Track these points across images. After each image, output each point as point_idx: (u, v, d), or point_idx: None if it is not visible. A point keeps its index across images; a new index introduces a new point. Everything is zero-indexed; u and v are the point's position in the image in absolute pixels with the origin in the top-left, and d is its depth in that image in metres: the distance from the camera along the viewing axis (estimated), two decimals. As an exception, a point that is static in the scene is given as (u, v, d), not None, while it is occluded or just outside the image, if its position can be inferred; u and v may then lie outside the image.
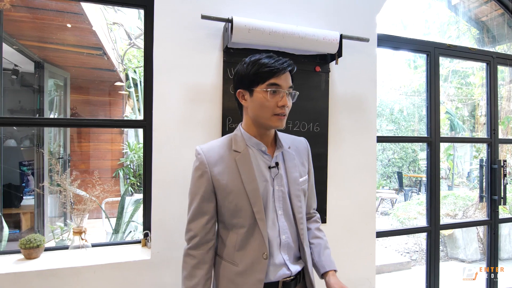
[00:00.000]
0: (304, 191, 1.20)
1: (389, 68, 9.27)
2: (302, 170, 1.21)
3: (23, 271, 1.46)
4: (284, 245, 1.11)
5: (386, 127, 9.21)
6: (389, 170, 9.03)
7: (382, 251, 4.38)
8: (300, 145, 1.26)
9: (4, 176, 3.12)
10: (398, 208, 4.70)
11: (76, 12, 2.60)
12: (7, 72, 3.52)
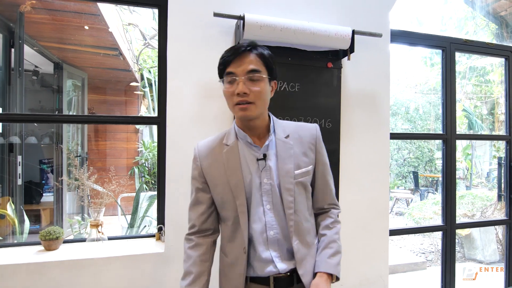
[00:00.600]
0: (303, 183, 1.08)
1: (404, 66, 9.11)
2: (302, 161, 1.08)
3: (43, 261, 1.52)
4: (272, 241, 1.05)
5: (401, 126, 9.05)
6: (404, 170, 8.86)
7: (396, 251, 4.32)
8: (304, 133, 1.12)
9: (25, 173, 3.25)
10: (413, 207, 4.61)
11: (93, 13, 2.68)
12: (27, 73, 3.66)
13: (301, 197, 1.08)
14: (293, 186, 1.05)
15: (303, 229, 1.07)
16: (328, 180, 1.16)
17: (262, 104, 1.04)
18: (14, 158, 2.71)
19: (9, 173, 2.68)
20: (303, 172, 1.08)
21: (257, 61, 1.02)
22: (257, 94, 1.01)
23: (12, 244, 1.74)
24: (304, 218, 1.09)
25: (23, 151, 2.84)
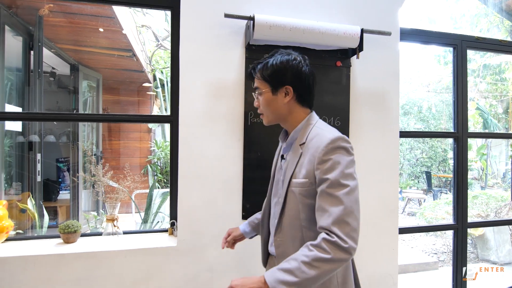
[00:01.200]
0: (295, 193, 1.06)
1: (417, 64, 9.00)
2: (300, 171, 1.06)
3: (63, 253, 1.60)
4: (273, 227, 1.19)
5: (414, 126, 8.93)
6: (417, 170, 8.74)
7: (408, 251, 4.28)
8: (313, 145, 1.05)
9: (43, 171, 3.37)
10: (424, 207, 4.55)
11: (108, 16, 2.77)
12: (45, 75, 3.78)
13: (294, 204, 1.07)
14: (286, 192, 1.09)
15: (289, 233, 1.08)
16: (322, 203, 0.98)
17: (269, 112, 1.16)
18: (34, 156, 2.82)
19: (28, 170, 2.79)
20: (297, 183, 1.06)
21: (257, 80, 1.17)
22: (262, 105, 1.17)
23: (33, 237, 1.83)
24: (292, 225, 1.07)
25: (42, 149, 2.95)
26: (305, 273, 0.90)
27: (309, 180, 1.03)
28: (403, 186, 8.14)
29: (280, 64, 1.11)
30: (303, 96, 1.15)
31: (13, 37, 2.78)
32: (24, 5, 2.58)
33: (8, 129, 2.70)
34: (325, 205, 0.97)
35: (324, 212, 0.96)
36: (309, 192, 1.03)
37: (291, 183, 1.07)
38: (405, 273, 3.48)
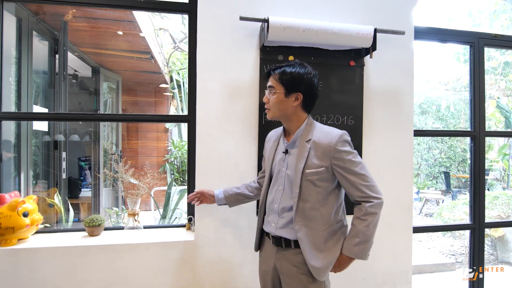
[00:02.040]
0: (312, 181, 1.29)
1: (436, 63, 8.80)
2: (313, 163, 1.29)
3: (88, 245, 1.70)
4: (274, 211, 1.37)
5: (432, 125, 8.74)
6: (435, 170, 8.55)
7: (425, 251, 4.23)
8: (324, 140, 1.30)
9: (68, 169, 3.53)
10: (442, 208, 4.47)
11: (129, 20, 2.88)
12: (68, 77, 3.95)
13: (310, 190, 1.30)
14: (300, 181, 1.29)
15: (308, 214, 1.30)
16: (350, 179, 1.28)
17: (276, 110, 1.35)
18: (59, 154, 2.96)
19: (54, 167, 2.94)
20: (312, 172, 1.29)
21: (274, 80, 1.35)
22: (272, 103, 1.35)
23: (60, 230, 1.94)
24: (313, 208, 1.30)
25: (67, 148, 3.10)
26: (368, 235, 1.26)
27: (326, 168, 1.29)
28: (420, 186, 7.98)
29: (298, 74, 1.32)
30: (308, 103, 1.37)
31: (40, 42, 2.93)
32: (50, 11, 2.72)
33: (35, 129, 2.85)
34: (352, 183, 1.27)
35: (355, 187, 1.27)
36: (326, 177, 1.30)
37: (305, 173, 1.29)
38: (420, 273, 3.44)
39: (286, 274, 1.34)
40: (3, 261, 1.62)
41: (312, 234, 1.29)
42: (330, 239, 1.32)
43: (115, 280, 1.72)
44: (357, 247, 1.27)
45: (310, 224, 1.30)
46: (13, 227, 1.63)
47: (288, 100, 1.33)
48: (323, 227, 1.30)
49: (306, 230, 1.30)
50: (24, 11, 2.45)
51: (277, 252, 1.37)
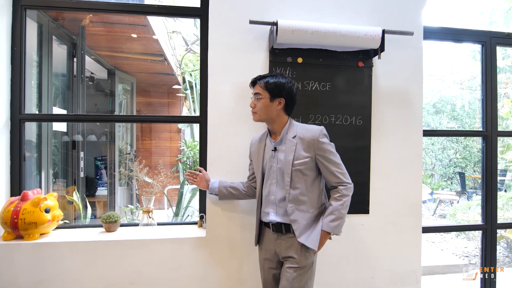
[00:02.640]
0: (301, 170, 1.50)
1: (450, 61, 8.65)
2: (301, 154, 1.51)
3: (105, 240, 1.78)
4: (272, 202, 1.56)
5: (447, 125, 8.59)
6: (450, 171, 8.40)
7: (438, 252, 4.18)
8: (307, 134, 1.53)
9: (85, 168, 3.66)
10: (455, 208, 4.40)
11: (143, 24, 2.98)
12: (85, 79, 4.09)
13: (299, 179, 1.51)
14: (291, 171, 1.50)
15: (298, 200, 1.51)
16: (329, 168, 1.52)
17: (262, 114, 1.55)
18: (77, 154, 3.09)
19: (72, 166, 3.06)
20: (300, 162, 1.51)
21: (260, 88, 1.54)
22: (258, 107, 1.54)
23: (78, 225, 2.04)
24: (301, 193, 1.52)
25: (85, 148, 3.22)
26: (342, 213, 1.49)
27: (311, 159, 1.51)
28: (434, 187, 7.86)
29: (280, 83, 1.54)
30: (289, 107, 1.58)
31: (59, 46, 3.05)
32: (69, 17, 2.84)
33: (54, 130, 2.98)
34: (330, 170, 1.52)
35: (333, 174, 1.51)
36: (311, 166, 1.52)
37: (294, 164, 1.50)
38: (432, 274, 3.42)
39: (285, 256, 1.52)
40: (27, 254, 1.72)
41: (303, 216, 1.50)
42: (317, 219, 1.54)
43: (130, 274, 1.80)
44: (333, 223, 1.48)
45: (301, 207, 1.51)
46: (36, 222, 1.72)
47: (272, 104, 1.53)
48: (311, 210, 1.53)
49: (298, 213, 1.50)
50: (45, 17, 2.57)
51: (277, 238, 1.55)
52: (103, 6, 1.99)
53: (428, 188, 7.07)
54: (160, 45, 3.51)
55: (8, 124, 1.86)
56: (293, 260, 1.49)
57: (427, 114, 8.22)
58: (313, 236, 1.49)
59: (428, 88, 8.64)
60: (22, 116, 1.90)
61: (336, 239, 1.95)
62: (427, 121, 8.19)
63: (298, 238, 1.47)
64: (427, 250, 4.30)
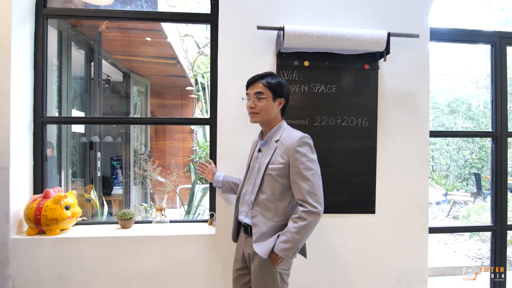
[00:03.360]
0: (272, 175, 1.45)
1: (466, 60, 8.48)
2: (277, 160, 1.45)
3: (120, 236, 1.88)
4: (246, 202, 1.55)
5: (462, 124, 8.42)
6: (465, 172, 8.23)
7: (450, 254, 4.14)
8: (287, 140, 1.46)
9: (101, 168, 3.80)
10: (468, 210, 4.33)
11: (157, 29, 3.09)
12: (102, 82, 4.25)
13: (270, 184, 1.45)
14: (263, 174, 1.47)
15: (264, 205, 1.46)
16: (298, 181, 1.40)
17: (264, 114, 1.50)
18: (94, 154, 3.23)
19: (90, 166, 3.20)
20: (274, 167, 1.45)
21: (262, 87, 1.49)
22: (260, 107, 1.49)
23: (96, 222, 2.16)
24: (268, 199, 1.45)
25: (101, 148, 3.36)
26: (295, 238, 1.36)
27: (285, 166, 1.43)
28: (449, 188, 7.72)
29: (281, 82, 1.53)
30: (285, 107, 1.57)
31: (77, 51, 3.20)
32: (86, 24, 2.98)
33: (73, 131, 3.12)
34: (297, 185, 1.40)
35: (298, 189, 1.40)
36: (284, 174, 1.44)
37: (268, 168, 1.46)
38: (443, 275, 3.40)
39: (251, 257, 1.49)
40: (48, 248, 1.84)
41: (265, 222, 1.44)
42: (281, 230, 1.43)
43: (144, 268, 1.89)
44: (282, 245, 1.37)
45: (265, 214, 1.45)
46: (57, 219, 1.84)
47: (274, 104, 1.51)
48: (277, 219, 1.45)
49: (261, 218, 1.45)
50: (64, 25, 2.71)
51: (245, 239, 1.54)
52: (119, 14, 2.10)
53: (442, 189, 6.96)
54: (173, 48, 3.62)
55: (31, 126, 1.99)
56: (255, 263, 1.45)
57: (441, 114, 8.09)
58: (266, 244, 1.40)
59: (442, 88, 8.50)
60: (44, 118, 2.03)
61: (341, 238, 2.00)
62: (442, 121, 8.06)
63: (253, 243, 1.42)
64: (440, 251, 4.26)
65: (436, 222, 5.87)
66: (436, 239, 4.76)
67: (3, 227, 1.81)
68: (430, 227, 2.11)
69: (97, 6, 2.49)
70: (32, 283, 1.83)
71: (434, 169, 8.47)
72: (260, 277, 1.43)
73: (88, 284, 1.86)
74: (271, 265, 1.42)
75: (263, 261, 1.42)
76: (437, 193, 6.67)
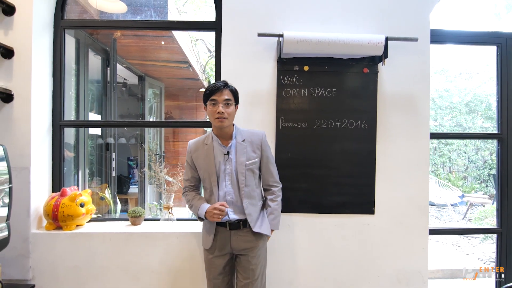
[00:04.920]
0: (252, 169, 1.68)
1: (485, 58, 8.23)
2: (251, 155, 1.69)
3: (131, 232, 2.01)
4: (229, 202, 1.67)
5: (482, 125, 8.18)
6: (484, 173, 7.99)
7: (462, 257, 4.08)
8: (254, 137, 1.72)
9: (118, 168, 3.99)
10: (481, 212, 4.23)
11: (168, 35, 3.23)
12: (118, 85, 4.44)
13: (250, 177, 1.69)
14: (245, 171, 1.67)
15: (250, 195, 1.69)
16: (269, 167, 1.75)
17: (231, 118, 1.67)
18: (110, 155, 3.40)
19: (106, 166, 3.38)
20: (251, 162, 1.69)
21: (229, 93, 1.66)
22: (229, 113, 1.64)
23: (109, 219, 2.31)
24: (252, 189, 1.70)
25: (116, 149, 3.53)
26: (279, 211, 1.76)
27: (258, 159, 1.72)
28: (466, 190, 7.53)
29: (237, 90, 1.71)
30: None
31: (94, 57, 3.38)
32: (102, 32, 3.15)
33: (90, 133, 3.31)
34: (269, 170, 1.75)
35: (270, 174, 1.76)
36: (257, 165, 1.72)
37: (247, 164, 1.67)
38: (453, 278, 3.36)
39: (242, 248, 1.68)
40: (65, 242, 1.99)
41: (254, 209, 1.71)
42: (262, 210, 1.76)
43: (152, 262, 2.01)
44: (274, 221, 1.74)
45: (253, 202, 1.70)
46: (72, 215, 1.99)
47: (235, 109, 1.71)
48: (259, 202, 1.75)
49: (251, 207, 1.69)
50: (82, 33, 2.88)
51: (233, 234, 1.69)
52: (130, 24, 2.23)
53: (459, 190, 6.79)
54: (184, 53, 3.75)
55: (50, 129, 2.15)
56: (251, 249, 1.68)
57: (459, 113, 7.89)
58: (265, 224, 1.71)
59: (460, 87, 8.28)
60: (62, 122, 2.19)
61: (341, 238, 2.05)
62: (459, 121, 7.86)
63: (253, 229, 1.66)
64: (452, 253, 4.20)
65: (451, 224, 5.76)
66: (449, 241, 4.69)
67: (24, 222, 1.97)
68: (431, 228, 2.13)
69: (109, 15, 2.64)
70: (50, 274, 1.99)
71: (451, 170, 8.27)
72: (258, 258, 1.70)
73: (100, 276, 2.00)
74: (265, 245, 1.76)
75: (259, 244, 1.70)
76: (453, 194, 6.53)
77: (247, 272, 1.68)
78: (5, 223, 1.62)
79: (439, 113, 8.12)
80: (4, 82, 1.97)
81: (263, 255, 1.74)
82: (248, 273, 1.68)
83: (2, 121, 1.97)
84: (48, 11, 2.12)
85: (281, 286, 2.05)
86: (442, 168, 8.23)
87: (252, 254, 1.69)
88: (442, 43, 2.32)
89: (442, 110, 8.13)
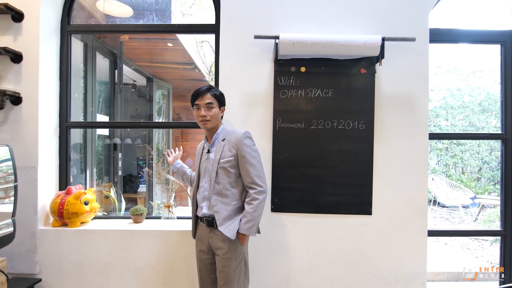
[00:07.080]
0: (225, 168, 1.70)
1: (494, 56, 8.01)
2: (226, 154, 1.71)
3: (132, 229, 2.08)
4: (204, 197, 1.74)
5: (496, 124, 7.96)
6: (498, 174, 7.78)
7: (471, 259, 4.00)
8: (232, 136, 1.74)
9: (125, 167, 4.09)
10: (490, 214, 4.13)
11: (173, 38, 3.31)
12: (127, 87, 4.55)
13: (223, 175, 1.71)
14: (217, 168, 1.71)
15: (221, 193, 1.70)
16: (246, 167, 1.69)
17: (214, 121, 1.75)
18: (117, 155, 3.50)
19: (113, 166, 3.48)
20: (225, 161, 1.70)
21: (211, 97, 1.74)
22: (211, 115, 1.73)
23: (112, 217, 2.38)
24: (224, 188, 1.70)
25: (122, 150, 3.63)
26: (254, 216, 1.65)
27: (234, 158, 1.71)
28: (479, 191, 7.35)
29: (222, 93, 1.80)
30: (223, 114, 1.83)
31: (102, 59, 3.48)
32: (109, 35, 3.25)
33: (98, 133, 3.41)
34: (246, 171, 1.69)
35: (248, 174, 1.69)
36: (234, 165, 1.71)
37: (220, 162, 1.71)
38: (457, 280, 3.31)
39: (216, 247, 1.68)
40: (70, 238, 2.07)
41: (225, 208, 1.69)
42: (239, 212, 1.71)
43: (152, 259, 2.07)
44: (245, 225, 1.65)
45: (223, 200, 1.69)
46: (77, 213, 2.07)
47: (219, 112, 1.78)
48: (234, 203, 1.71)
49: (220, 205, 1.69)
50: (89, 37, 2.97)
51: (210, 232, 1.72)
52: (133, 28, 2.30)
53: (471, 192, 6.64)
54: (190, 55, 3.82)
55: (57, 130, 2.24)
56: (223, 249, 1.65)
57: (471, 113, 7.71)
58: (232, 226, 1.66)
59: (473, 86, 8.09)
60: (68, 123, 2.27)
61: (338, 238, 2.06)
62: (472, 120, 7.68)
63: (218, 227, 1.64)
64: (460, 256, 4.13)
65: (461, 226, 5.64)
66: (458, 243, 4.60)
67: (32, 219, 2.06)
68: (430, 229, 2.11)
69: (114, 19, 2.72)
70: (56, 269, 2.07)
71: (463, 171, 8.08)
72: (229, 261, 1.65)
73: (103, 271, 2.08)
74: (239, 248, 1.68)
75: (231, 246, 1.66)
76: (465, 196, 6.39)
77: (220, 274, 1.66)
78: (10, 219, 1.71)
79: (450, 112, 7.96)
80: (13, 85, 2.06)
81: (236, 259, 1.67)
82: (220, 274, 1.66)
83: (11, 123, 2.06)
84: (55, 17, 2.21)
85: (277, 285, 2.07)
86: (454, 169, 8.06)
87: (223, 255, 1.66)
88: (443, 43, 2.30)
89: (454, 109, 7.96)
